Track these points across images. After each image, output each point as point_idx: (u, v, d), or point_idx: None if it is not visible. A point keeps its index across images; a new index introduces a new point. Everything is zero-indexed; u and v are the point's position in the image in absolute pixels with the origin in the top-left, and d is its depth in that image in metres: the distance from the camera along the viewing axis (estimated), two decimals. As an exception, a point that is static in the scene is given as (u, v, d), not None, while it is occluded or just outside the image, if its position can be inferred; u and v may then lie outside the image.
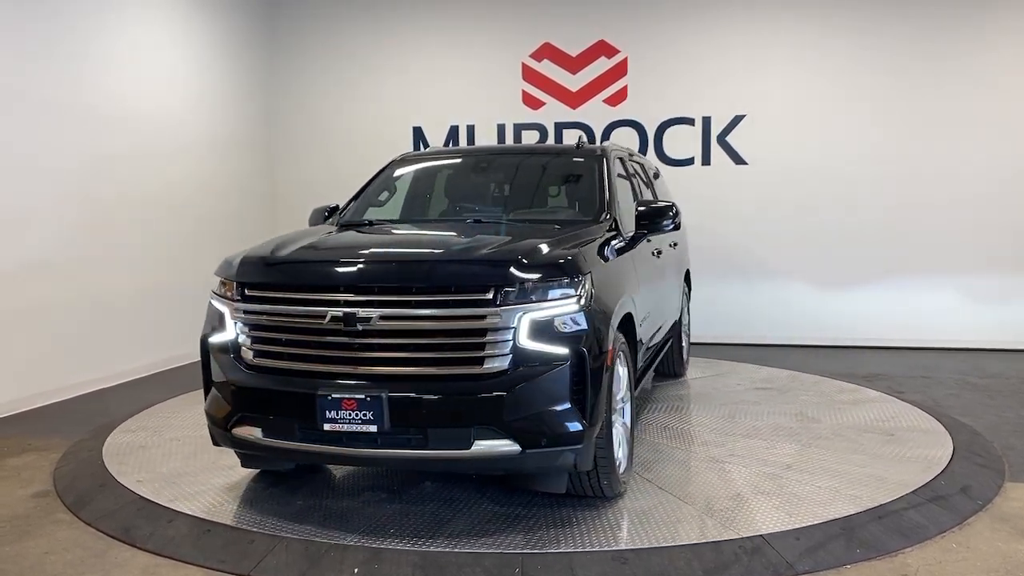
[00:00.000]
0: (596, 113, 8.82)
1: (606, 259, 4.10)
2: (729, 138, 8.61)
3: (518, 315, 3.43)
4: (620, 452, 4.01)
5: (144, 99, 7.36)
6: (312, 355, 3.61)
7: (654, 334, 5.28)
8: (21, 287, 6.06)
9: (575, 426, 3.48)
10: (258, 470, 4.39)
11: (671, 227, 4.72)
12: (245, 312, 3.77)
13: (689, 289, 7.30)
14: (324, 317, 3.53)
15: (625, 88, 8.77)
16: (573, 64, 8.86)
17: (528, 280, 3.49)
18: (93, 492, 4.27)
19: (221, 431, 3.83)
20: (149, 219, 7.38)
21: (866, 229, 8.35)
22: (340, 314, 3.49)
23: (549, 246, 3.79)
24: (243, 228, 8.42)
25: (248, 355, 3.75)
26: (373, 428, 3.43)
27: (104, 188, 6.87)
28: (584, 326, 3.53)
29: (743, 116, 8.54)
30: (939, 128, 8.12)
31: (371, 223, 4.89)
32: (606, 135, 8.76)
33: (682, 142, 8.64)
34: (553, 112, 8.90)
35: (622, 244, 4.49)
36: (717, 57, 8.58)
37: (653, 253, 5.31)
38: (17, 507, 4.12)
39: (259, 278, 3.81)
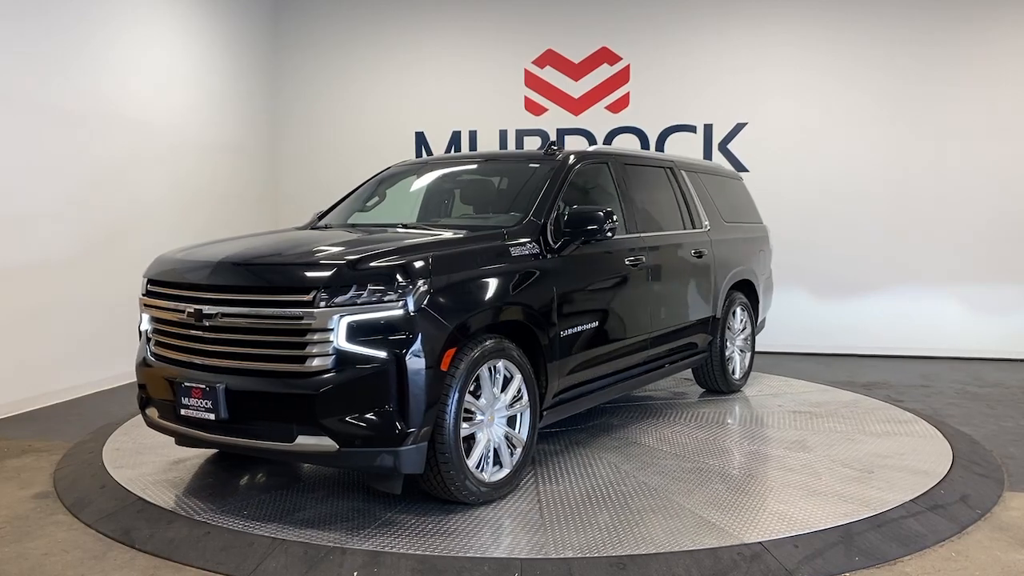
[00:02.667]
0: (598, 120, 8.85)
1: (484, 266, 4.07)
2: (731, 146, 8.63)
3: (337, 317, 3.58)
4: (490, 458, 3.99)
5: (145, 102, 7.39)
6: (180, 346, 4.02)
7: (613, 344, 4.97)
8: (23, 288, 6.07)
9: (391, 429, 3.59)
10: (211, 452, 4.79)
11: (604, 235, 4.54)
12: (146, 305, 4.25)
13: (752, 301, 6.75)
14: (184, 312, 3.91)
15: (627, 95, 8.80)
16: (575, 71, 8.88)
17: (347, 284, 3.63)
18: (93, 494, 4.27)
19: (140, 411, 4.32)
20: (150, 221, 7.39)
21: (867, 237, 8.37)
22: (192, 310, 3.86)
23: (382, 252, 3.82)
24: (245, 230, 8.40)
25: (151, 344, 4.22)
26: (212, 416, 3.77)
27: (107, 190, 6.89)
28: (407, 330, 3.61)
29: (744, 124, 8.57)
30: (941, 135, 8.14)
31: (328, 226, 5.23)
32: (608, 141, 8.78)
33: (684, 149, 8.65)
34: (555, 119, 8.93)
35: (528, 252, 4.32)
36: (719, 65, 8.61)
37: (629, 263, 5.05)
38: (17, 508, 4.13)
39: (154, 275, 4.25)
